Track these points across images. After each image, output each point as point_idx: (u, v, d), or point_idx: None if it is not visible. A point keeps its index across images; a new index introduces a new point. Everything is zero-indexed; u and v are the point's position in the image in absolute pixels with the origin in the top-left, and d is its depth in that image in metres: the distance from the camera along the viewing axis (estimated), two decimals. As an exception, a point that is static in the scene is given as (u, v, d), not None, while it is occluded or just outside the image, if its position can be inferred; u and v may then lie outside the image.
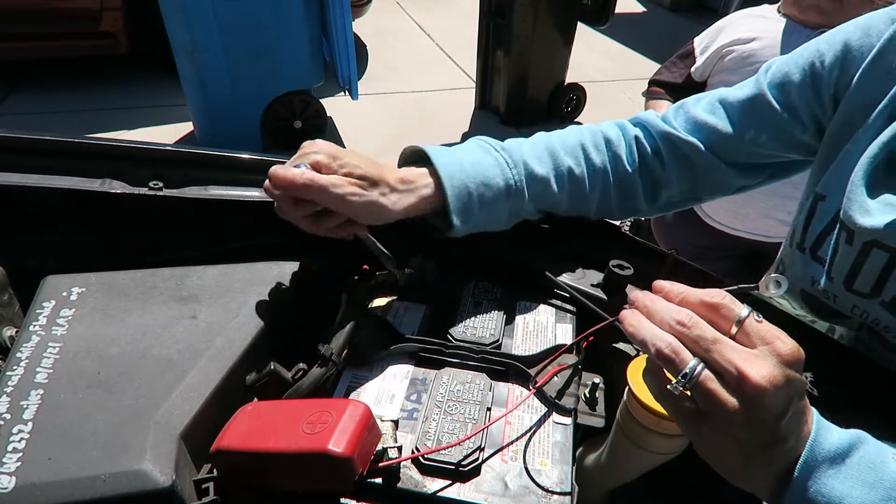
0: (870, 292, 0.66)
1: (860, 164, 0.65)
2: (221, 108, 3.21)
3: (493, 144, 0.75)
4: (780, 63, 0.77)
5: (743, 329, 0.43)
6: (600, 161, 0.79)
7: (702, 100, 0.83)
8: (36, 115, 3.71)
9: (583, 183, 0.78)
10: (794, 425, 0.42)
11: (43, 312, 0.63)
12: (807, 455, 0.42)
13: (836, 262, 0.68)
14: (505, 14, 3.65)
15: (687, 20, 6.58)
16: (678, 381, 0.42)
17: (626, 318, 0.47)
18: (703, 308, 0.45)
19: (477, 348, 0.67)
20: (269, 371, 0.61)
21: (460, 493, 0.53)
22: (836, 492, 0.42)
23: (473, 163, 0.71)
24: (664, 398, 0.46)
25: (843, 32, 0.72)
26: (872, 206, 0.64)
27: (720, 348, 0.42)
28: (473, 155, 0.72)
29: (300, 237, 0.66)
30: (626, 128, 0.84)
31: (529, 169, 0.74)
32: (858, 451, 0.43)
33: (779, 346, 0.41)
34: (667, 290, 0.47)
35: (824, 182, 0.72)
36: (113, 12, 3.76)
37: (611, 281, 0.72)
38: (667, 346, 0.43)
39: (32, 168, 0.81)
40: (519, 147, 0.76)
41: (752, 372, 0.40)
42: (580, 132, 0.81)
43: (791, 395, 0.41)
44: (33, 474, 0.47)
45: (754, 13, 1.57)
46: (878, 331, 0.67)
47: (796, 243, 0.75)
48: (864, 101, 0.68)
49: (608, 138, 0.81)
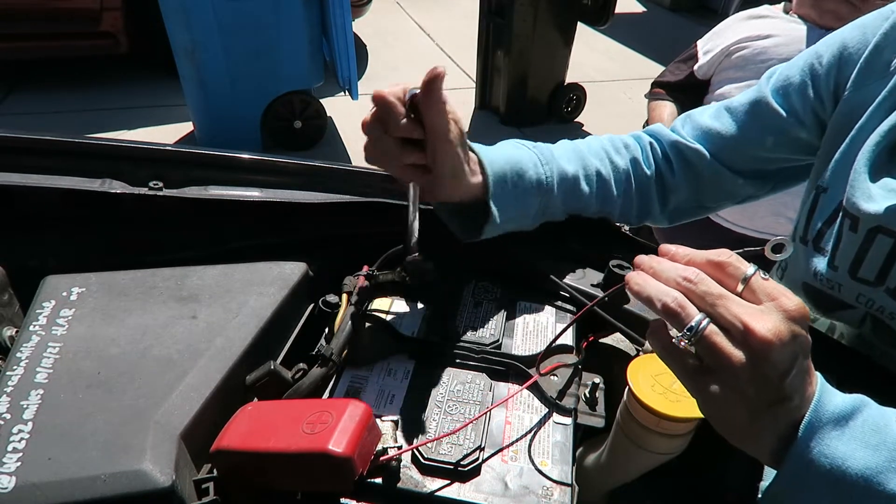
0: (875, 280, 0.66)
1: (862, 152, 0.66)
2: (221, 108, 3.21)
3: (524, 143, 0.76)
4: (782, 68, 0.80)
5: (749, 286, 0.43)
6: (623, 164, 0.82)
7: (708, 108, 0.86)
8: (36, 115, 3.71)
9: (609, 184, 0.80)
10: (798, 384, 0.42)
11: (43, 312, 0.63)
12: (811, 415, 0.42)
13: (841, 250, 0.69)
14: (505, 14, 3.65)
15: (687, 20, 6.58)
16: (684, 334, 0.42)
17: (632, 277, 0.47)
18: (709, 266, 0.44)
19: (477, 348, 0.67)
20: (269, 371, 0.61)
21: (460, 492, 0.53)
22: (839, 453, 0.41)
23: (509, 154, 0.71)
24: (668, 354, 0.45)
25: (840, 33, 0.74)
26: (875, 191, 0.64)
27: (726, 303, 0.42)
28: (508, 148, 0.74)
29: (300, 237, 0.66)
30: (641, 136, 0.87)
31: (560, 166, 0.75)
32: (862, 414, 0.43)
33: (784, 302, 0.41)
34: (672, 252, 0.47)
35: (827, 175, 0.73)
36: (113, 12, 3.76)
37: (611, 281, 0.73)
38: (673, 300, 0.43)
39: (32, 168, 0.81)
40: (548, 147, 0.78)
41: (758, 326, 0.40)
42: (600, 139, 0.84)
43: (796, 352, 0.41)
44: (33, 474, 0.47)
45: (756, 13, 1.58)
46: (883, 319, 0.67)
47: (799, 236, 0.76)
48: (863, 96, 0.70)
49: (626, 144, 0.85)
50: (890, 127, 0.65)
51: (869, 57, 0.69)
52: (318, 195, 0.83)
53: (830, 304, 0.73)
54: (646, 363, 0.60)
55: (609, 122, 4.25)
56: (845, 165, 0.69)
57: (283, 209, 0.82)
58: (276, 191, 0.84)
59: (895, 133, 0.65)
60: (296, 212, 0.82)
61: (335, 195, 0.83)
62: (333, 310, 0.68)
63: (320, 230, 0.84)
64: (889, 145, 0.65)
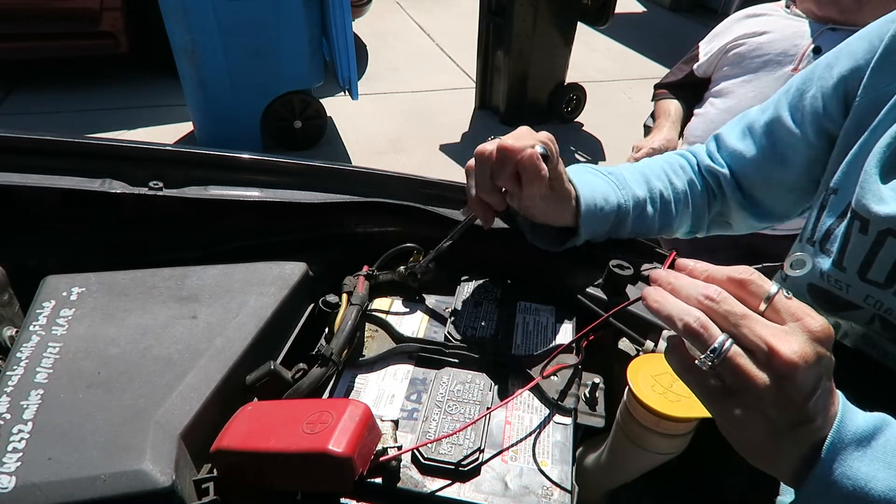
0: (885, 282, 0.66)
1: (873, 153, 0.66)
2: (221, 108, 3.21)
3: (598, 169, 0.81)
4: (797, 83, 0.81)
5: (772, 305, 0.42)
6: (681, 186, 0.86)
7: (734, 128, 0.88)
8: (36, 115, 3.71)
9: (670, 205, 0.84)
10: (821, 405, 0.41)
11: (43, 312, 0.63)
12: (833, 436, 0.41)
13: (849, 252, 0.68)
14: (505, 14, 3.64)
15: (687, 20, 6.59)
16: (707, 356, 0.41)
17: (650, 294, 0.45)
18: (730, 284, 0.43)
19: (477, 348, 0.67)
20: (269, 371, 0.61)
21: (460, 493, 0.53)
22: (862, 474, 0.41)
23: (592, 182, 0.76)
24: (688, 374, 0.44)
25: (848, 44, 0.75)
26: (886, 193, 0.64)
27: (750, 324, 0.41)
28: (588, 175, 0.78)
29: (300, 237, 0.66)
30: (688, 156, 0.91)
31: (633, 191, 0.79)
32: (884, 434, 0.43)
33: (809, 323, 0.40)
34: (691, 267, 0.46)
35: (838, 176, 0.73)
36: (113, 12, 3.76)
37: (611, 281, 0.72)
38: (695, 320, 0.42)
39: (32, 168, 0.81)
40: (619, 171, 0.82)
41: (784, 348, 0.39)
42: (658, 161, 0.89)
43: (821, 374, 0.41)
44: (33, 474, 0.47)
45: (754, 11, 1.60)
46: (891, 320, 0.67)
47: (806, 237, 0.76)
48: (874, 101, 0.69)
49: (682, 165, 0.89)
50: None
51: (878, 62, 0.69)
52: (318, 195, 0.83)
53: (837, 304, 0.73)
54: (646, 363, 0.60)
55: (609, 123, 4.25)
56: (856, 167, 0.69)
57: (283, 209, 0.82)
58: (276, 191, 0.84)
59: None
60: (296, 212, 0.82)
61: (335, 195, 0.83)
62: (333, 310, 0.68)
63: (320, 230, 0.84)
64: None
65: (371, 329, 0.70)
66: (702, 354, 0.42)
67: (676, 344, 0.45)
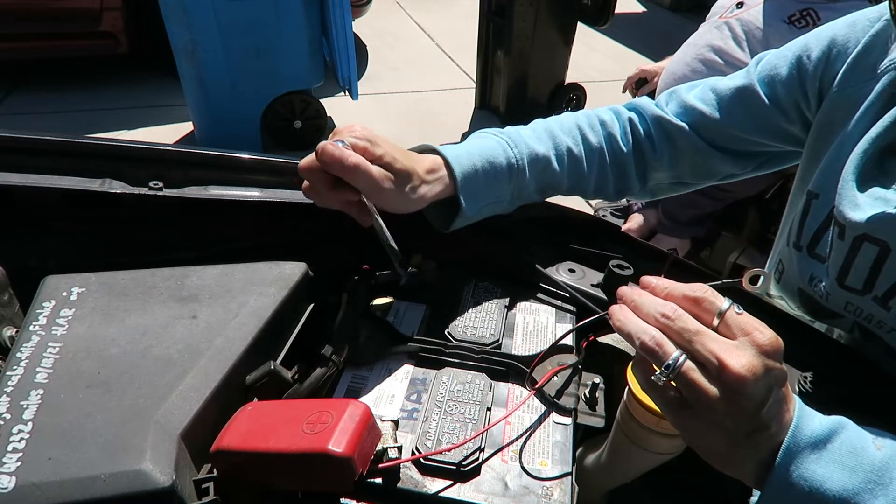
0: (862, 288, 0.66)
1: (850, 159, 0.66)
2: (221, 108, 3.21)
3: (491, 131, 0.78)
4: (771, 56, 0.80)
5: (724, 321, 0.44)
6: (596, 141, 0.82)
7: (695, 87, 0.86)
8: (36, 115, 3.71)
9: (581, 161, 0.81)
10: (775, 412, 0.43)
11: (43, 312, 0.63)
12: (788, 441, 0.43)
13: (832, 258, 0.68)
14: (505, 14, 3.64)
15: (687, 20, 6.57)
16: (662, 371, 0.44)
17: (614, 312, 0.48)
18: (686, 301, 0.46)
19: (477, 348, 0.67)
20: (269, 371, 0.61)
21: (460, 493, 0.53)
22: (818, 476, 0.42)
23: (477, 146, 0.73)
24: (651, 388, 0.47)
25: (831, 28, 0.74)
26: (862, 200, 0.64)
27: (702, 339, 0.43)
28: (475, 141, 0.75)
29: (300, 237, 0.66)
30: (620, 111, 0.87)
31: (530, 147, 0.76)
32: (839, 437, 0.44)
33: (757, 337, 0.42)
34: (653, 285, 0.49)
35: (816, 180, 0.73)
36: (113, 12, 3.75)
37: (611, 281, 0.73)
38: (650, 338, 0.44)
39: (32, 168, 0.81)
40: (517, 130, 0.79)
41: (733, 362, 0.41)
42: (575, 116, 0.85)
43: (771, 384, 0.42)
44: (33, 474, 0.47)
45: None
46: (871, 328, 0.67)
47: (792, 242, 0.76)
48: (849, 96, 0.69)
49: (602, 120, 0.85)
50: (877, 134, 0.65)
51: (857, 56, 0.69)
52: (318, 195, 0.83)
53: (821, 313, 0.73)
54: (646, 363, 0.60)
55: (609, 122, 4.25)
56: (834, 171, 0.69)
57: (283, 209, 0.82)
58: (276, 191, 0.83)
59: (882, 140, 0.65)
60: (296, 212, 0.82)
61: (335, 195, 0.83)
62: (333, 310, 0.68)
63: (320, 230, 0.84)
64: (876, 153, 0.65)
65: (371, 329, 0.70)
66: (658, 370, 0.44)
67: (641, 359, 0.47)
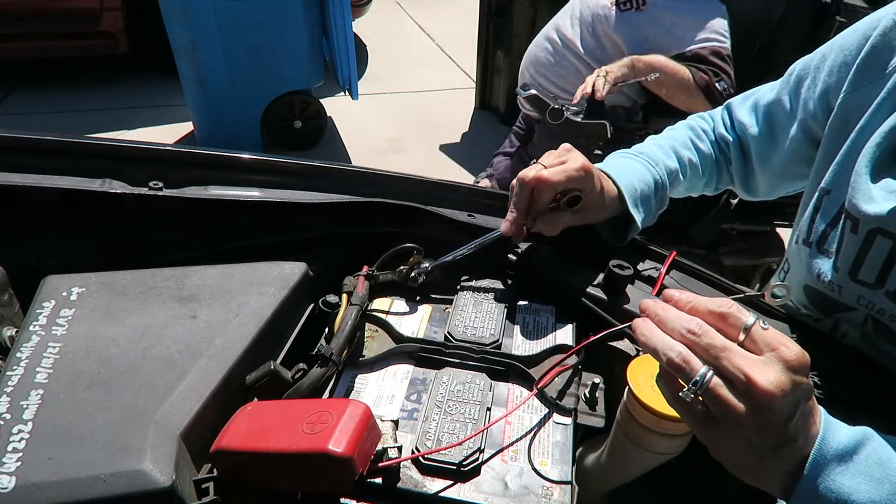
0: (875, 282, 0.67)
1: (863, 153, 0.67)
2: (221, 108, 3.21)
3: (629, 152, 0.87)
4: (798, 67, 0.83)
5: (750, 336, 0.44)
6: (706, 148, 0.93)
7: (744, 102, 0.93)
8: (36, 115, 3.71)
9: (698, 169, 0.92)
10: (802, 426, 0.43)
11: (43, 312, 0.63)
12: (815, 454, 0.43)
13: (842, 252, 0.69)
14: (505, 14, 3.64)
15: (687, 20, 6.57)
16: (689, 388, 0.44)
17: (639, 326, 0.48)
18: (711, 317, 0.46)
19: (477, 348, 0.67)
20: (269, 371, 0.61)
21: (460, 493, 0.53)
22: (845, 488, 0.43)
23: (628, 167, 0.82)
24: (677, 402, 0.47)
25: (843, 36, 0.77)
26: (876, 193, 0.65)
27: (729, 355, 0.43)
28: (623, 162, 0.84)
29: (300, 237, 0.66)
30: (708, 119, 0.97)
31: (665, 164, 0.86)
32: (866, 448, 0.45)
33: (784, 353, 0.43)
34: (676, 298, 0.49)
35: (829, 177, 0.73)
36: (113, 12, 3.76)
37: (611, 281, 0.72)
38: (677, 355, 0.44)
39: (32, 168, 0.81)
40: (648, 148, 0.89)
41: (761, 378, 0.41)
42: (683, 129, 0.96)
43: (798, 399, 0.43)
44: (33, 474, 0.47)
45: None
46: (884, 321, 0.67)
47: (802, 239, 0.76)
48: (860, 97, 0.70)
49: (704, 129, 0.96)
50: (890, 128, 0.65)
51: (865, 58, 0.70)
52: (318, 195, 0.83)
53: (832, 306, 0.73)
54: (646, 363, 0.60)
55: (609, 122, 4.25)
56: (847, 167, 0.69)
57: (283, 209, 0.82)
58: (276, 191, 0.83)
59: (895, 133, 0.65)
60: (296, 212, 0.82)
61: (335, 195, 0.83)
62: (333, 310, 0.68)
63: (320, 230, 0.84)
64: (890, 146, 0.66)
65: (371, 329, 0.70)
66: (686, 386, 0.44)
67: (667, 373, 0.48)
